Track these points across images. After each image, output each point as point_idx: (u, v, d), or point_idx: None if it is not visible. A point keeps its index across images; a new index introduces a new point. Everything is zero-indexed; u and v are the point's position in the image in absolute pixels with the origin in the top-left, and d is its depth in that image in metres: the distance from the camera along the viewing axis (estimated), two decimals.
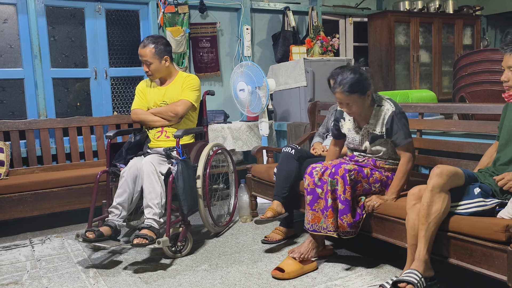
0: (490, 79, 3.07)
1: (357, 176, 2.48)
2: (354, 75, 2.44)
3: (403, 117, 2.51)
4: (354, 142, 2.63)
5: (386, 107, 2.50)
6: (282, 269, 2.47)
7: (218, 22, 4.80)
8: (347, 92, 2.43)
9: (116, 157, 3.07)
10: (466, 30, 6.37)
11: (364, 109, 2.51)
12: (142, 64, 3.14)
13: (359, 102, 2.47)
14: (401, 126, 2.47)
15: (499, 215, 2.03)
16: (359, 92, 2.44)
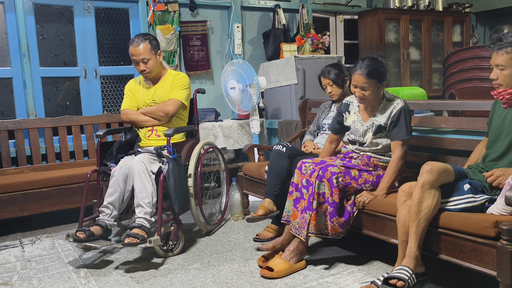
0: (479, 76, 3.09)
1: (345, 178, 2.50)
2: (376, 62, 2.50)
3: (410, 115, 2.56)
4: (357, 133, 2.64)
5: (396, 102, 2.56)
6: (271, 268, 2.47)
7: (208, 20, 4.79)
8: (366, 75, 2.47)
9: (107, 156, 3.05)
10: (455, 27, 6.41)
11: (375, 98, 2.56)
12: (135, 64, 3.08)
13: (374, 89, 2.51)
14: (407, 122, 2.51)
15: (488, 211, 2.05)
16: (377, 78, 2.49)
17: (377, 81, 2.50)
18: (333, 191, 2.43)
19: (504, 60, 2.09)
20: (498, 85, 2.16)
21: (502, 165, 2.16)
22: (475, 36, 6.94)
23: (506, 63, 2.09)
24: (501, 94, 2.16)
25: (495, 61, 2.13)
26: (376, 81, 2.50)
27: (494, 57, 2.13)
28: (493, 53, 2.14)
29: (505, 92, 2.14)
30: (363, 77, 2.48)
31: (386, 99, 2.59)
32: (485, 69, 3.02)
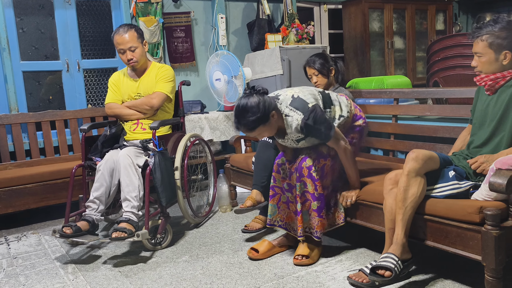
0: (462, 63, 3.12)
1: (319, 163, 2.44)
2: (252, 108, 2.23)
3: (313, 118, 2.28)
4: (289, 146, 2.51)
5: (295, 117, 2.30)
6: (257, 250, 2.58)
7: (192, 11, 4.74)
8: (250, 130, 2.28)
9: (92, 150, 3.02)
10: (438, 15, 6.45)
11: (276, 128, 2.36)
12: (121, 54, 3.02)
13: (267, 128, 2.31)
14: (318, 127, 2.29)
15: (473, 197, 2.08)
16: (262, 123, 2.26)
17: (263, 123, 2.26)
18: (316, 184, 2.42)
19: (481, 47, 2.15)
20: (478, 72, 2.22)
21: (486, 152, 2.19)
22: (458, 24, 6.99)
23: (483, 50, 2.15)
24: (483, 80, 2.21)
25: (474, 49, 2.19)
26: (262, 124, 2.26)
27: (474, 45, 2.20)
28: (474, 42, 2.20)
29: (487, 78, 2.18)
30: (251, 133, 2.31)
31: (284, 114, 2.33)
32: (468, 56, 3.05)
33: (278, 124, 2.36)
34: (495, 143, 2.18)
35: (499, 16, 2.18)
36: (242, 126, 2.30)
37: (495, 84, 2.18)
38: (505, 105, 2.14)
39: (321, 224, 2.45)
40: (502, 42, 2.11)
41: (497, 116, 2.16)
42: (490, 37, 2.12)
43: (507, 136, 2.13)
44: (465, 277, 2.20)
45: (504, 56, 2.13)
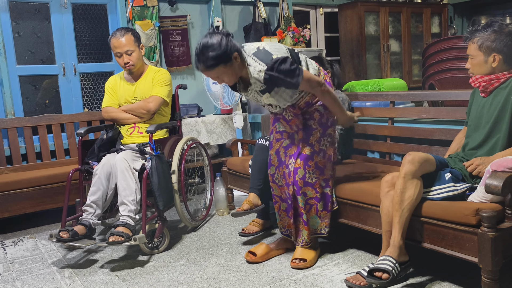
0: (457, 66, 3.14)
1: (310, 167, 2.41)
2: (213, 45, 2.13)
3: (278, 68, 2.16)
4: (254, 101, 2.44)
5: (257, 68, 2.20)
6: (254, 253, 2.59)
7: (188, 15, 4.74)
8: (209, 68, 2.18)
9: (89, 154, 3.01)
10: (434, 18, 6.48)
11: (237, 73, 2.25)
12: (118, 57, 3.02)
13: (229, 70, 2.20)
14: (282, 76, 2.17)
15: (469, 199, 2.09)
16: (222, 62, 2.16)
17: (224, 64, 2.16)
18: (315, 187, 2.45)
19: (472, 50, 2.22)
20: (471, 74, 2.27)
21: (482, 154, 2.20)
22: (453, 27, 7.03)
23: (474, 52, 2.21)
24: (477, 81, 2.24)
25: (467, 51, 2.26)
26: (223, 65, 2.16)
27: (468, 48, 2.26)
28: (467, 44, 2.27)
29: (482, 79, 2.22)
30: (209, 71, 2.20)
31: (247, 63, 2.22)
32: (464, 59, 3.07)
33: (241, 72, 2.25)
34: (490, 145, 2.19)
35: (493, 19, 2.21)
36: (201, 64, 2.18)
37: (489, 86, 2.20)
38: (500, 107, 2.15)
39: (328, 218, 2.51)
40: (491, 45, 2.16)
41: (492, 118, 2.17)
42: (480, 40, 2.18)
43: (502, 138, 2.15)
44: (462, 279, 2.21)
45: (493, 59, 2.17)
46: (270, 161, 2.58)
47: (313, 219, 2.50)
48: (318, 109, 2.46)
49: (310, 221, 2.50)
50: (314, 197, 2.46)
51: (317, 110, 2.46)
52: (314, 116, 2.46)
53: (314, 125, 2.46)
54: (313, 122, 2.45)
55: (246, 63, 2.23)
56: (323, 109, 2.46)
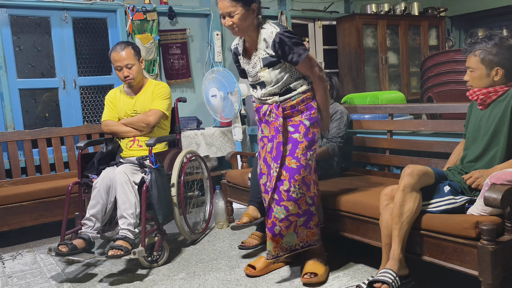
0: (455, 79, 3.16)
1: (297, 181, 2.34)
2: None
3: (289, 33, 2.25)
4: (251, 73, 2.44)
5: (270, 29, 2.28)
6: (253, 266, 2.58)
7: (188, 28, 4.78)
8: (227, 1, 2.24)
9: (88, 167, 3.02)
10: (431, 31, 6.53)
11: (248, 25, 2.29)
12: (118, 71, 3.04)
13: (243, 14, 2.25)
14: (291, 43, 2.24)
15: (468, 211, 2.09)
16: (243, 1, 2.24)
17: (243, 3, 2.24)
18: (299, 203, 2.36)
19: (473, 62, 2.21)
20: (470, 86, 2.27)
21: (480, 166, 2.21)
22: (451, 39, 7.08)
23: (474, 65, 2.20)
24: (475, 94, 2.24)
25: (467, 64, 2.25)
26: (242, 3, 2.24)
27: (467, 60, 2.25)
28: (467, 57, 2.25)
29: (480, 92, 2.22)
30: (227, 2, 2.24)
31: (261, 26, 2.32)
32: (461, 72, 3.09)
33: (250, 30, 2.30)
34: (488, 158, 2.20)
35: (492, 32, 2.22)
36: None
37: (487, 99, 2.21)
38: (498, 119, 2.16)
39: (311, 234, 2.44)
40: (494, 58, 2.15)
41: (490, 130, 2.18)
42: (482, 53, 2.17)
43: (500, 151, 2.15)
44: None
45: (495, 72, 2.16)
46: (260, 170, 2.52)
47: (289, 235, 2.42)
48: (304, 122, 2.38)
49: (285, 237, 2.41)
50: (296, 213, 2.37)
51: (303, 122, 2.38)
52: (299, 129, 2.38)
53: (300, 138, 2.37)
54: (298, 135, 2.38)
55: (261, 26, 2.32)
56: (309, 123, 2.38)
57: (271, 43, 2.27)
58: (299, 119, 2.39)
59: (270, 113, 2.41)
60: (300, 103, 2.38)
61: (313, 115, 2.40)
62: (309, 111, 2.39)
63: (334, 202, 2.59)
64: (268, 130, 2.45)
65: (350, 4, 6.18)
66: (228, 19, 2.28)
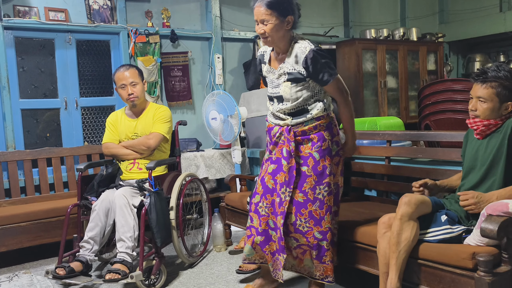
0: (452, 108, 3.20)
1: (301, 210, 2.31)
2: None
3: (323, 53, 2.27)
4: (272, 83, 2.41)
5: (304, 45, 2.28)
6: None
7: (189, 51, 4.85)
8: (266, 5, 2.22)
9: (88, 189, 3.03)
10: (430, 56, 6.62)
11: (280, 36, 2.27)
12: (122, 89, 3.08)
13: (277, 24, 2.24)
14: (324, 62, 2.25)
15: (465, 241, 2.10)
16: (278, 10, 2.23)
17: (279, 13, 2.23)
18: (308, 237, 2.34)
19: (487, 94, 2.16)
20: (475, 116, 2.22)
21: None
22: (449, 64, 7.18)
23: (488, 96, 2.16)
24: (476, 124, 2.23)
25: (477, 93, 2.20)
26: (278, 13, 2.23)
27: (477, 89, 2.20)
28: (475, 84, 2.21)
29: (481, 123, 2.21)
30: (263, 8, 2.23)
31: (294, 41, 2.31)
32: (458, 101, 3.14)
33: (282, 41, 2.29)
34: (486, 187, 2.21)
35: (501, 63, 2.22)
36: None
37: (487, 130, 2.22)
38: (496, 150, 2.18)
39: (328, 269, 2.39)
40: (509, 94, 2.14)
41: (487, 160, 2.20)
42: (499, 86, 2.14)
43: (498, 180, 2.17)
44: None
45: (506, 107, 2.17)
46: (255, 189, 2.47)
47: (308, 261, 2.42)
48: (313, 155, 2.33)
49: (304, 260, 2.41)
50: (306, 244, 2.37)
51: (312, 155, 2.33)
52: (308, 162, 2.33)
53: (308, 172, 2.33)
54: (306, 168, 2.33)
55: (295, 40, 2.31)
56: (319, 156, 2.33)
57: (303, 58, 2.25)
58: (308, 150, 2.34)
59: (281, 135, 2.38)
60: (313, 129, 2.34)
61: (324, 147, 2.34)
62: (320, 142, 2.34)
63: None
64: (275, 152, 2.42)
65: (350, 29, 6.27)
66: (261, 26, 2.27)
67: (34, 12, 4.02)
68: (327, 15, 6.08)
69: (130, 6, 4.51)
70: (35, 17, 4.01)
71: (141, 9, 4.59)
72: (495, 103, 2.16)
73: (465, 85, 3.12)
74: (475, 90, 2.21)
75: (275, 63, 2.40)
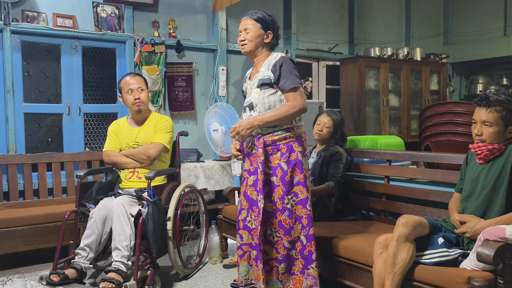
0: (453, 130, 3.21)
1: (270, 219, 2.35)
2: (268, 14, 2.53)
3: (293, 63, 2.45)
4: (247, 93, 2.56)
5: (278, 54, 2.50)
6: None
7: (194, 62, 4.88)
8: (253, 18, 2.50)
9: (86, 196, 3.03)
10: (433, 76, 6.66)
11: (258, 46, 2.50)
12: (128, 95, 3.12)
13: (258, 34, 2.48)
14: (291, 68, 2.41)
15: (461, 265, 2.10)
16: (262, 24, 2.49)
17: (262, 26, 2.50)
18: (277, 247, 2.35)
19: (492, 118, 2.17)
20: (480, 140, 2.22)
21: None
22: (452, 85, 7.20)
23: (494, 120, 2.17)
24: (480, 149, 2.22)
25: (482, 117, 2.20)
26: (260, 26, 2.50)
27: (481, 113, 2.21)
28: (479, 109, 2.22)
29: (485, 148, 2.21)
30: (248, 19, 2.50)
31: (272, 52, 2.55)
32: (459, 124, 3.15)
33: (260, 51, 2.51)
34: (486, 213, 2.20)
35: (500, 88, 2.24)
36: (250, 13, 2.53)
37: (491, 155, 2.22)
38: (497, 175, 2.18)
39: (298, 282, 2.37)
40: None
41: (489, 185, 2.19)
42: (504, 110, 2.16)
43: (498, 205, 2.16)
44: None
45: (510, 130, 2.18)
46: (240, 205, 2.45)
47: (272, 282, 2.38)
48: (282, 165, 2.38)
49: (269, 283, 2.36)
50: (275, 258, 2.35)
51: (280, 166, 2.38)
52: (276, 172, 2.39)
53: (277, 182, 2.38)
54: (275, 178, 2.39)
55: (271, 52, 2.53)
56: (287, 166, 2.38)
57: (273, 63, 2.43)
58: (277, 161, 2.40)
59: (252, 145, 2.43)
60: (282, 139, 2.41)
61: (292, 157, 2.39)
62: (288, 153, 2.40)
63: (328, 245, 2.59)
64: (249, 163, 2.45)
65: (354, 47, 6.32)
66: (243, 34, 2.51)
67: (42, 17, 4.06)
68: (332, 31, 6.13)
69: (137, 16, 4.55)
70: (43, 22, 4.04)
71: (148, 19, 4.63)
72: (500, 126, 2.17)
73: (467, 108, 3.14)
74: (479, 114, 2.22)
75: (253, 76, 2.58)
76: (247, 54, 2.55)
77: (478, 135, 2.22)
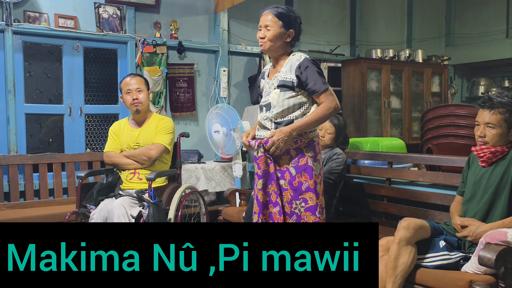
0: (455, 132, 3.20)
1: None
2: (292, 10, 2.43)
3: (317, 64, 2.37)
4: (265, 93, 2.47)
5: (300, 55, 2.40)
6: None
7: (195, 63, 4.88)
8: (274, 13, 2.37)
9: (87, 197, 3.03)
10: (434, 78, 6.64)
11: (277, 46, 2.38)
12: (128, 95, 3.11)
13: (278, 33, 2.36)
14: (316, 70, 2.33)
15: (463, 268, 2.09)
16: (284, 21, 2.37)
17: (283, 23, 2.36)
18: None
19: (496, 120, 2.16)
20: (483, 142, 2.21)
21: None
22: (453, 87, 7.20)
23: (497, 122, 2.16)
24: (483, 151, 2.21)
25: (485, 119, 2.19)
26: (282, 24, 2.36)
27: (484, 115, 2.20)
28: (482, 111, 2.21)
29: (488, 150, 2.20)
30: (270, 15, 2.37)
31: (292, 54, 2.43)
32: (461, 126, 3.14)
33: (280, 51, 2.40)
34: (487, 216, 2.20)
35: (502, 90, 2.23)
36: (272, 8, 2.40)
37: (493, 157, 2.21)
38: (500, 178, 2.17)
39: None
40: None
41: (491, 188, 2.19)
42: (507, 112, 2.15)
43: (501, 208, 2.16)
44: None
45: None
46: (254, 208, 2.42)
47: None
48: (290, 170, 2.35)
49: None
50: None
51: (289, 170, 2.35)
52: (285, 176, 2.36)
53: (285, 186, 2.36)
54: (283, 182, 2.36)
55: (293, 53, 2.43)
56: (295, 171, 2.34)
57: (296, 65, 2.33)
58: (286, 165, 2.36)
59: (258, 148, 2.36)
60: (293, 144, 2.34)
61: (301, 162, 2.35)
62: (298, 158, 2.35)
63: None
64: (257, 166, 2.41)
65: (356, 48, 6.31)
66: (263, 31, 2.38)
67: (44, 18, 4.07)
68: (334, 33, 6.13)
69: (139, 17, 4.55)
70: (45, 23, 4.05)
71: (150, 20, 4.64)
72: (503, 128, 2.16)
73: (469, 110, 3.13)
74: (483, 116, 2.21)
75: (272, 74, 2.49)
76: (265, 52, 2.50)
77: (481, 136, 2.22)
